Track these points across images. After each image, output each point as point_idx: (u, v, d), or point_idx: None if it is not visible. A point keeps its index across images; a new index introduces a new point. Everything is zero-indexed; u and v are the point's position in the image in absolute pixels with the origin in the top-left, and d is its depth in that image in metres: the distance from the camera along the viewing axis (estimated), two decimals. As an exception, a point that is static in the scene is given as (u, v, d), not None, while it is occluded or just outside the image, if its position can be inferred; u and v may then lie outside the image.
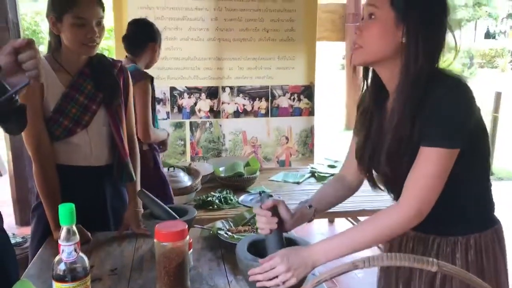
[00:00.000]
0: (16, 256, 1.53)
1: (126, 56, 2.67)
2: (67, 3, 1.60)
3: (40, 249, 1.61)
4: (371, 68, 1.25)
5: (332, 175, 3.58)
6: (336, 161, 3.86)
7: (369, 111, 1.26)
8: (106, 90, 1.74)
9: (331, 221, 4.24)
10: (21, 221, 3.94)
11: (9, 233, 3.36)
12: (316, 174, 3.65)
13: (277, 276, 1.11)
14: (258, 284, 1.14)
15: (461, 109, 1.09)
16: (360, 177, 1.37)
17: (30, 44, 1.08)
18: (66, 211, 1.02)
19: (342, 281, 3.15)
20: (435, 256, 1.21)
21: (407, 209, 1.10)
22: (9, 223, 3.96)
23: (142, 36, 2.63)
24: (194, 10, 3.81)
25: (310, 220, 1.39)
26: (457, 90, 1.10)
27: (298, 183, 3.50)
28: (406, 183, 1.12)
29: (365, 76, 1.27)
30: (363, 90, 1.30)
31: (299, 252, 1.14)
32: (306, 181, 3.56)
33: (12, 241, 3.08)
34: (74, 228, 1.04)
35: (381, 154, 1.18)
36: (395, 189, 1.23)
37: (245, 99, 4.04)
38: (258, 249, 1.27)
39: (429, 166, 1.09)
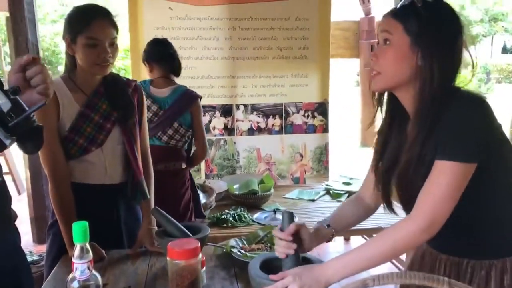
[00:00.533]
0: (32, 273, 1.55)
1: (165, 77, 2.69)
2: (80, 24, 1.64)
3: (55, 267, 1.62)
4: (385, 93, 1.25)
5: (347, 192, 3.55)
6: (351, 178, 3.83)
7: (384, 135, 1.27)
8: (120, 109, 1.76)
9: (346, 239, 4.19)
10: (39, 239, 3.98)
11: (26, 251, 3.39)
12: (331, 192, 3.62)
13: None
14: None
15: (477, 123, 1.08)
16: (379, 198, 1.35)
17: (35, 60, 1.10)
18: (80, 229, 1.03)
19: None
20: (469, 281, 1.18)
21: (419, 222, 1.09)
22: (27, 241, 4.00)
23: (177, 55, 2.74)
24: (209, 30, 3.87)
25: (328, 240, 1.37)
26: (473, 106, 1.10)
27: (313, 200, 3.48)
28: (419, 196, 1.11)
29: (379, 102, 1.27)
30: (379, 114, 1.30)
31: (312, 271, 1.13)
32: (320, 198, 3.54)
33: (29, 259, 3.14)
34: (88, 246, 1.05)
35: (393, 177, 1.18)
36: (409, 208, 1.22)
37: (259, 116, 4.06)
38: (271, 267, 1.26)
39: (443, 179, 1.08)
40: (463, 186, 1.09)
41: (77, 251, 1.04)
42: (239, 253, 1.60)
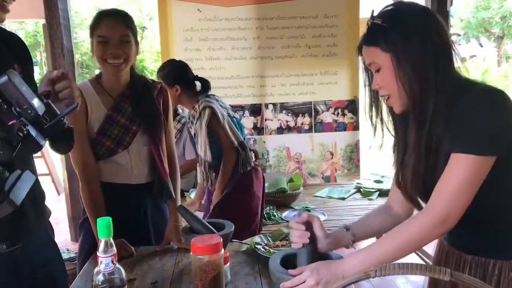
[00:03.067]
0: (65, 268, 1.61)
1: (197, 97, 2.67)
2: (93, 26, 1.73)
3: (86, 263, 1.68)
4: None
5: (378, 190, 3.52)
6: (382, 176, 3.79)
7: (397, 138, 1.27)
8: (143, 114, 1.81)
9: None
10: (76, 237, 4.12)
11: (64, 249, 3.54)
12: (362, 190, 3.60)
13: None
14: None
15: (493, 115, 1.06)
16: (408, 207, 1.32)
17: (64, 75, 1.16)
18: (104, 224, 1.07)
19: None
20: (496, 283, 1.14)
21: (433, 215, 1.08)
22: (66, 239, 4.15)
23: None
24: (237, 30, 3.91)
25: (347, 246, 1.34)
26: (488, 97, 1.07)
27: (343, 198, 3.46)
28: (435, 189, 1.10)
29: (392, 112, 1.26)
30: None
31: (329, 266, 1.13)
32: (351, 196, 3.52)
33: (66, 256, 3.26)
34: (112, 240, 1.09)
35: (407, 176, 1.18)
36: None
37: (288, 115, 4.07)
38: (291, 263, 1.27)
39: (457, 172, 1.06)
40: (479, 179, 1.07)
41: (101, 245, 1.08)
42: (263, 250, 1.62)
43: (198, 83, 2.67)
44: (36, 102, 0.99)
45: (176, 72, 2.66)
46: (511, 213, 1.15)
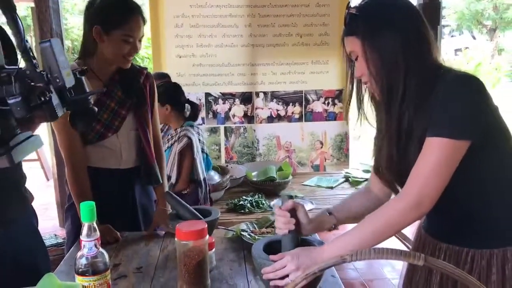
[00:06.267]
0: (49, 257, 1.60)
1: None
2: (118, 20, 1.66)
3: (72, 248, 1.68)
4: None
5: (366, 179, 3.54)
6: (371, 166, 3.80)
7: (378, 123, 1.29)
8: (134, 97, 1.81)
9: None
10: (64, 223, 4.11)
11: (52, 234, 3.52)
12: (350, 179, 3.62)
13: (288, 275, 1.12)
14: (270, 283, 1.15)
15: (468, 100, 1.07)
16: (387, 190, 1.34)
17: None
18: (87, 208, 1.07)
19: (373, 286, 3.10)
20: (468, 270, 1.17)
21: (408, 200, 1.09)
22: (54, 225, 4.15)
23: None
24: (228, 17, 3.88)
25: (330, 229, 1.37)
26: (463, 82, 1.09)
27: (331, 187, 3.48)
28: (410, 173, 1.11)
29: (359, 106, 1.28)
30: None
31: (309, 252, 1.15)
32: (339, 186, 3.54)
33: (54, 242, 3.25)
34: (95, 224, 1.09)
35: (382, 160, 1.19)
36: None
37: (278, 104, 4.06)
38: (274, 250, 1.28)
39: (430, 155, 1.07)
40: (453, 164, 1.08)
41: (85, 229, 1.08)
42: (248, 237, 1.63)
43: (188, 107, 2.83)
44: (67, 74, 0.99)
45: (170, 92, 2.80)
46: (484, 203, 1.16)
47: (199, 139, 2.88)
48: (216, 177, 3.09)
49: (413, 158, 1.12)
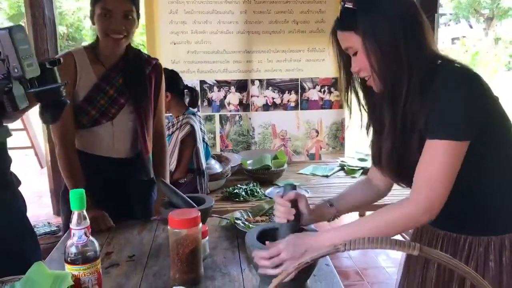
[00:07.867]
0: (38, 244, 1.58)
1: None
2: None
3: (64, 236, 1.66)
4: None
5: (362, 168, 3.53)
6: (367, 155, 3.79)
7: (372, 119, 1.27)
8: (133, 87, 1.77)
9: (362, 215, 4.18)
10: (58, 211, 4.09)
11: (45, 222, 3.50)
12: (345, 168, 3.61)
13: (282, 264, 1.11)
14: (263, 271, 1.14)
15: (468, 99, 1.06)
16: (387, 181, 1.34)
17: None
18: (76, 196, 1.05)
19: (368, 274, 3.11)
20: (466, 258, 1.17)
21: (419, 204, 1.08)
22: (48, 213, 4.12)
23: None
24: (224, 3, 3.83)
25: (330, 220, 1.36)
26: (463, 81, 1.07)
27: (326, 176, 3.47)
28: (415, 176, 1.10)
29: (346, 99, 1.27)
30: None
31: (304, 239, 1.13)
32: (335, 174, 3.53)
33: (47, 230, 3.24)
34: (85, 212, 1.07)
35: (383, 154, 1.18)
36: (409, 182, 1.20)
37: (274, 92, 4.03)
38: (268, 238, 1.26)
39: (437, 159, 1.06)
40: (458, 164, 1.07)
41: (74, 217, 1.06)
42: (242, 225, 1.61)
43: (187, 94, 2.82)
44: (29, 63, 0.95)
45: (168, 80, 2.76)
46: (484, 191, 1.16)
47: (201, 128, 2.85)
48: (217, 166, 3.07)
49: (413, 152, 1.11)
